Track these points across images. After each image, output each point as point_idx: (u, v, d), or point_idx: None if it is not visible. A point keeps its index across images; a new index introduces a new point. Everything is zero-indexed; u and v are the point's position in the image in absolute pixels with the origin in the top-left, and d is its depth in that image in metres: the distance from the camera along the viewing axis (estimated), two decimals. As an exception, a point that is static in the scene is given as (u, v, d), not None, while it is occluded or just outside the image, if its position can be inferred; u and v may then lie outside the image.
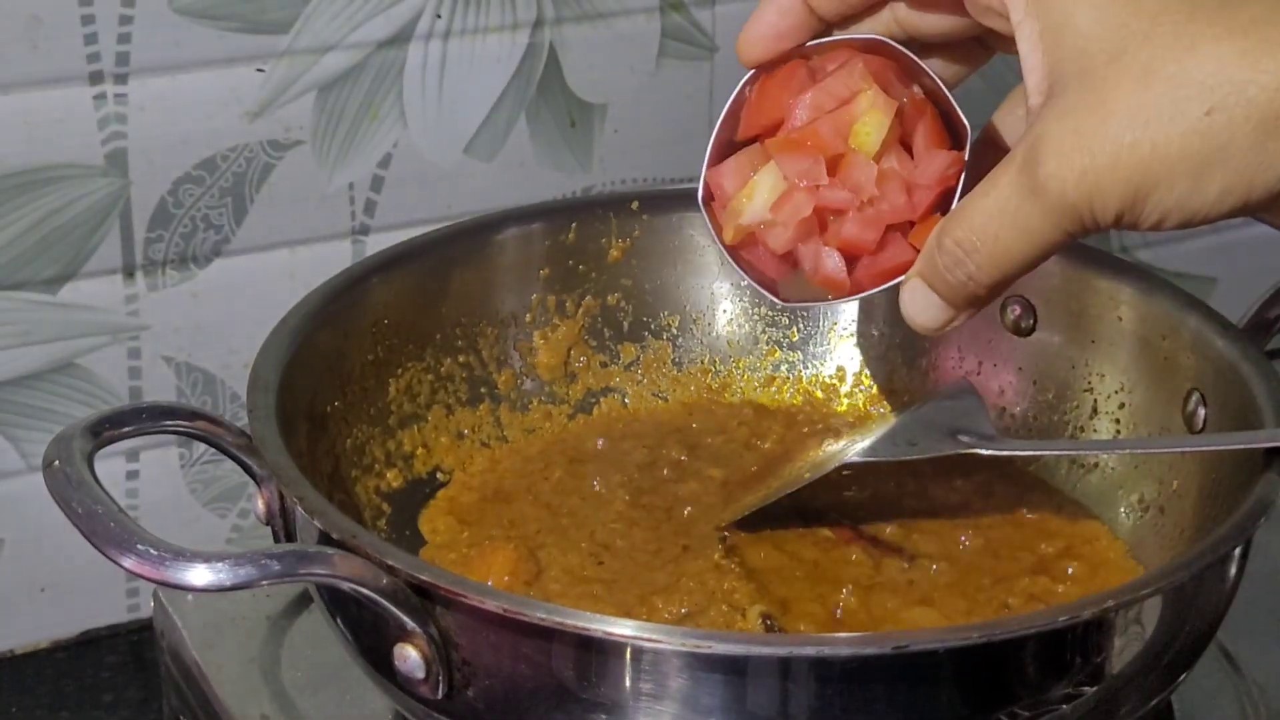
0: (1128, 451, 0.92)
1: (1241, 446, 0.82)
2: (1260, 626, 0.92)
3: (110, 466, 1.04)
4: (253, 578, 0.71)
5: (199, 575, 0.70)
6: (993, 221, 0.75)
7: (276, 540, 0.82)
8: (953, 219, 0.77)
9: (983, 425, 0.88)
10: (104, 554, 0.71)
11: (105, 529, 0.71)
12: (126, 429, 0.78)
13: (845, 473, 0.93)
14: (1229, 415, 0.86)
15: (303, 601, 0.91)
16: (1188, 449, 0.89)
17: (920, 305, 0.80)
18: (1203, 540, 0.78)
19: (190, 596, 0.90)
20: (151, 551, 0.70)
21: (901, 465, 0.93)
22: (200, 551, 0.70)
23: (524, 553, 0.86)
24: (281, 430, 0.80)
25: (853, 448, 0.89)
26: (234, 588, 0.70)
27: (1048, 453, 0.95)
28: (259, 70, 1.02)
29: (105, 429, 0.77)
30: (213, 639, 0.90)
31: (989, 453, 0.87)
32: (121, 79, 0.99)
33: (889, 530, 0.90)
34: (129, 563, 0.70)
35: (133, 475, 1.06)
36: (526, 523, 0.90)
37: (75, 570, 1.04)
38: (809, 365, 1.01)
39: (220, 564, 0.70)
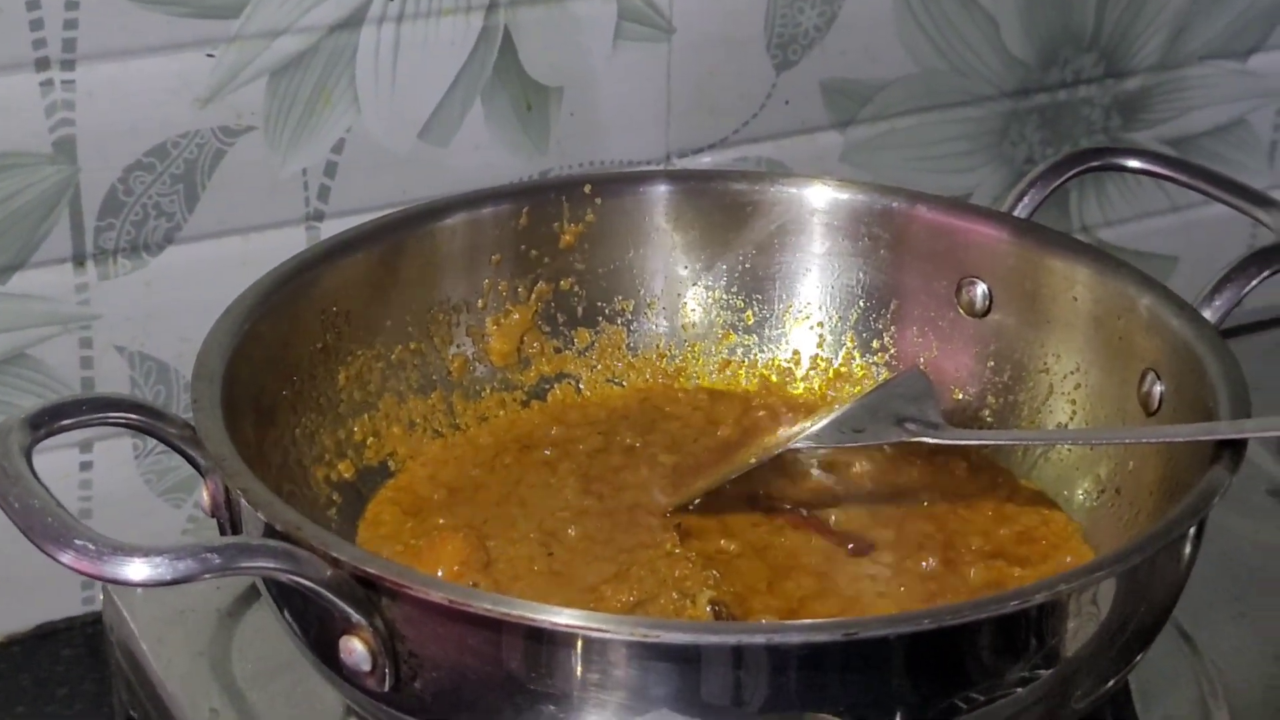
0: (1072, 443, 0.92)
1: (1191, 439, 0.82)
2: (1218, 606, 0.92)
3: (63, 458, 1.04)
4: (193, 572, 0.70)
5: (138, 570, 0.69)
6: None
7: (223, 532, 0.82)
8: None
9: (930, 414, 0.88)
10: (42, 550, 0.70)
11: (42, 524, 0.70)
12: (66, 421, 0.78)
13: (802, 458, 0.93)
14: (1184, 395, 0.86)
15: (253, 594, 0.90)
16: (1134, 440, 0.89)
17: None
18: (1157, 522, 0.77)
19: (139, 590, 0.90)
20: (90, 546, 0.69)
21: (857, 451, 0.93)
22: (140, 546, 0.69)
23: (474, 542, 0.85)
24: (227, 421, 0.80)
25: (800, 434, 0.89)
26: (174, 582, 0.70)
27: (992, 443, 0.94)
28: (209, 56, 1.01)
29: (44, 422, 0.77)
30: (162, 632, 0.89)
31: (934, 441, 0.87)
32: (69, 65, 0.98)
33: (845, 517, 0.90)
34: (67, 558, 0.69)
35: (86, 466, 1.05)
36: (476, 512, 0.89)
37: (29, 563, 1.02)
38: (764, 349, 1.00)
39: (160, 558, 0.69)
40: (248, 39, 1.01)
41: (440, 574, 0.83)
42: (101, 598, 0.94)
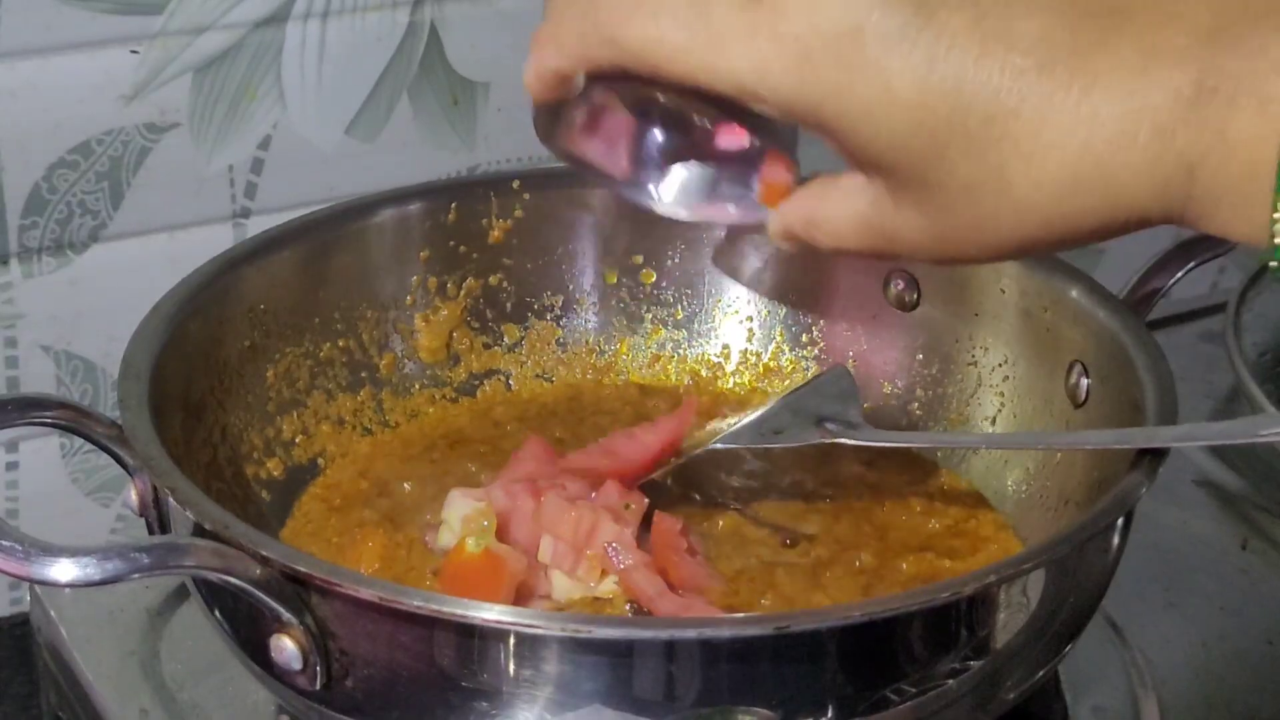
0: (988, 448, 0.92)
1: (1111, 447, 0.82)
2: (1146, 596, 0.93)
3: (-12, 458, 1.03)
4: (121, 572, 0.69)
5: (65, 570, 0.69)
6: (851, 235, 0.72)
7: (152, 531, 0.81)
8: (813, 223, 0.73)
9: (851, 413, 0.88)
10: (-35, 551, 0.69)
11: (-34, 525, 0.70)
12: (-8, 422, 0.77)
13: (734, 452, 0.93)
14: (1111, 387, 0.87)
15: (182, 593, 0.90)
16: (1046, 446, 0.89)
17: None
18: (1085, 513, 0.78)
19: (67, 590, 0.89)
20: (16, 547, 0.69)
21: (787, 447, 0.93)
22: (66, 546, 0.69)
23: (396, 539, 0.85)
24: (154, 420, 0.79)
25: (720, 435, 0.89)
26: (102, 582, 0.69)
27: (907, 444, 0.94)
28: (133, 52, 1.00)
29: (-31, 423, 0.76)
30: (90, 633, 0.88)
31: (851, 443, 0.87)
32: (-10, 63, 0.97)
33: (777, 511, 0.90)
34: (-8, 559, 0.69)
35: (12, 466, 1.04)
36: (402, 510, 0.89)
37: (-45, 564, 1.03)
38: (694, 344, 1.00)
39: (87, 558, 0.69)
40: (172, 35, 1.01)
41: (361, 571, 0.83)
42: (29, 598, 0.93)
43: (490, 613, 0.70)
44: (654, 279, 1.00)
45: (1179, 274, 0.92)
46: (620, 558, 0.81)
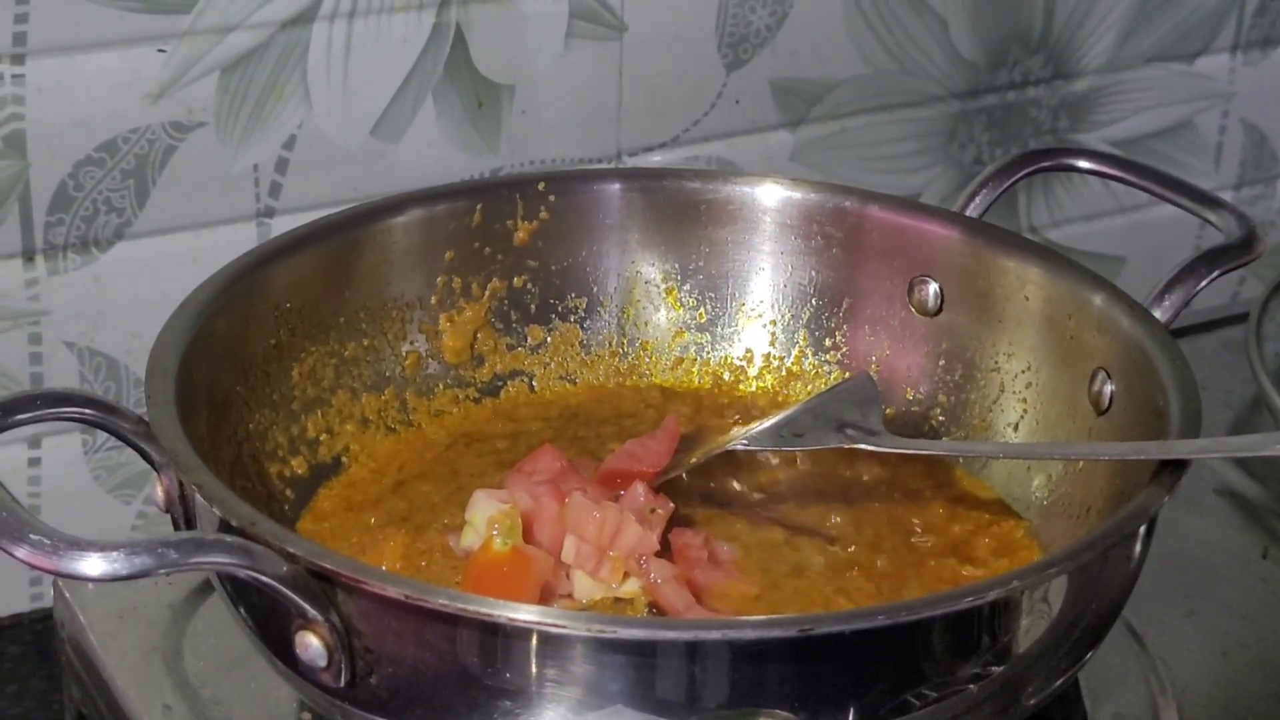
0: (1005, 457, 0.92)
1: (1130, 458, 0.82)
2: (1167, 604, 0.93)
3: (11, 454, 1.03)
4: (149, 567, 0.70)
5: (94, 565, 0.69)
6: None
7: (177, 528, 0.81)
8: None
9: (871, 420, 0.88)
10: (-5, 544, 0.70)
11: (-4, 519, 0.70)
12: (20, 416, 0.77)
13: (756, 454, 0.93)
14: (1135, 395, 0.87)
15: (205, 589, 0.90)
16: (1063, 456, 0.89)
17: None
18: (1107, 520, 0.78)
19: (90, 585, 0.89)
20: (45, 541, 0.69)
21: (808, 450, 0.93)
22: (95, 541, 0.69)
23: (416, 543, 0.85)
24: (181, 416, 0.79)
25: (740, 437, 0.89)
26: (130, 577, 0.69)
27: (926, 452, 0.94)
28: (160, 51, 1.00)
29: (-2, 417, 0.76)
30: (113, 628, 0.88)
31: (870, 449, 0.87)
32: (18, 60, 0.97)
33: (800, 513, 0.90)
34: (22, 553, 0.69)
35: (34, 462, 1.04)
36: (421, 511, 0.89)
37: (-23, 559, 1.03)
38: (717, 347, 1.00)
39: (115, 553, 0.69)
40: (199, 34, 1.01)
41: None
42: (50, 594, 0.93)
43: (517, 612, 0.71)
44: (677, 282, 1.00)
45: (1204, 282, 0.92)
46: (653, 572, 0.82)
